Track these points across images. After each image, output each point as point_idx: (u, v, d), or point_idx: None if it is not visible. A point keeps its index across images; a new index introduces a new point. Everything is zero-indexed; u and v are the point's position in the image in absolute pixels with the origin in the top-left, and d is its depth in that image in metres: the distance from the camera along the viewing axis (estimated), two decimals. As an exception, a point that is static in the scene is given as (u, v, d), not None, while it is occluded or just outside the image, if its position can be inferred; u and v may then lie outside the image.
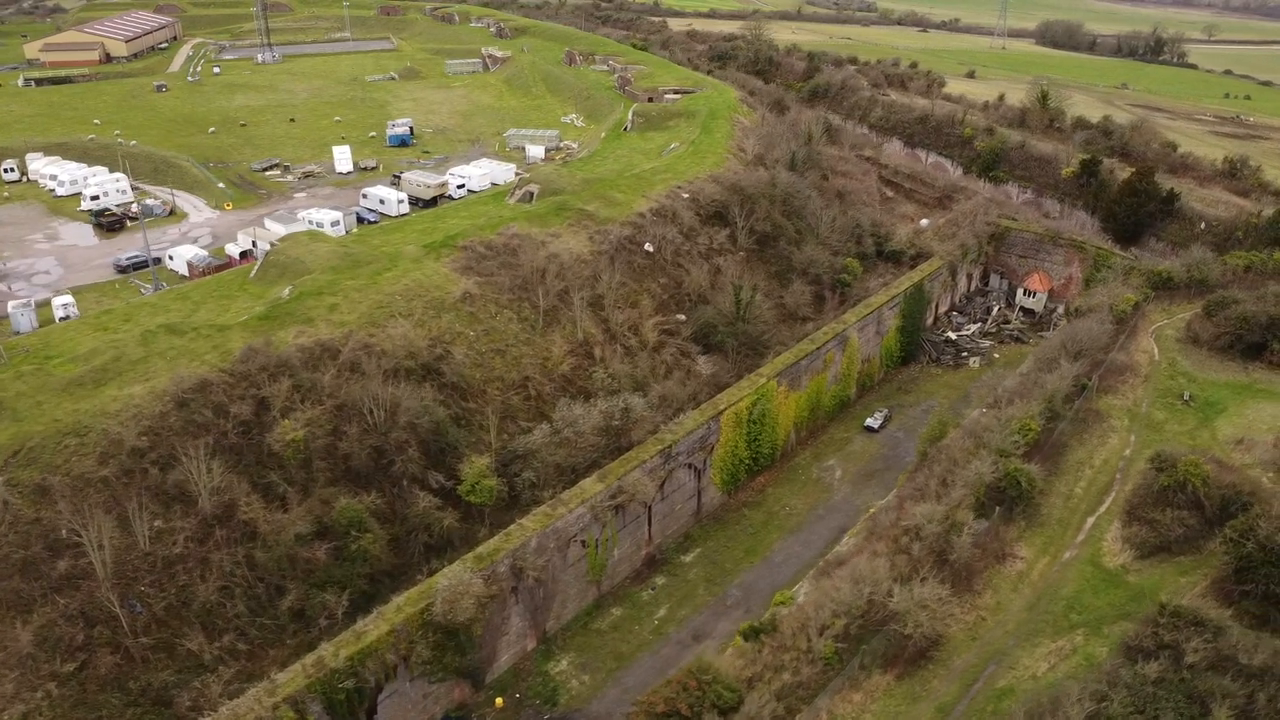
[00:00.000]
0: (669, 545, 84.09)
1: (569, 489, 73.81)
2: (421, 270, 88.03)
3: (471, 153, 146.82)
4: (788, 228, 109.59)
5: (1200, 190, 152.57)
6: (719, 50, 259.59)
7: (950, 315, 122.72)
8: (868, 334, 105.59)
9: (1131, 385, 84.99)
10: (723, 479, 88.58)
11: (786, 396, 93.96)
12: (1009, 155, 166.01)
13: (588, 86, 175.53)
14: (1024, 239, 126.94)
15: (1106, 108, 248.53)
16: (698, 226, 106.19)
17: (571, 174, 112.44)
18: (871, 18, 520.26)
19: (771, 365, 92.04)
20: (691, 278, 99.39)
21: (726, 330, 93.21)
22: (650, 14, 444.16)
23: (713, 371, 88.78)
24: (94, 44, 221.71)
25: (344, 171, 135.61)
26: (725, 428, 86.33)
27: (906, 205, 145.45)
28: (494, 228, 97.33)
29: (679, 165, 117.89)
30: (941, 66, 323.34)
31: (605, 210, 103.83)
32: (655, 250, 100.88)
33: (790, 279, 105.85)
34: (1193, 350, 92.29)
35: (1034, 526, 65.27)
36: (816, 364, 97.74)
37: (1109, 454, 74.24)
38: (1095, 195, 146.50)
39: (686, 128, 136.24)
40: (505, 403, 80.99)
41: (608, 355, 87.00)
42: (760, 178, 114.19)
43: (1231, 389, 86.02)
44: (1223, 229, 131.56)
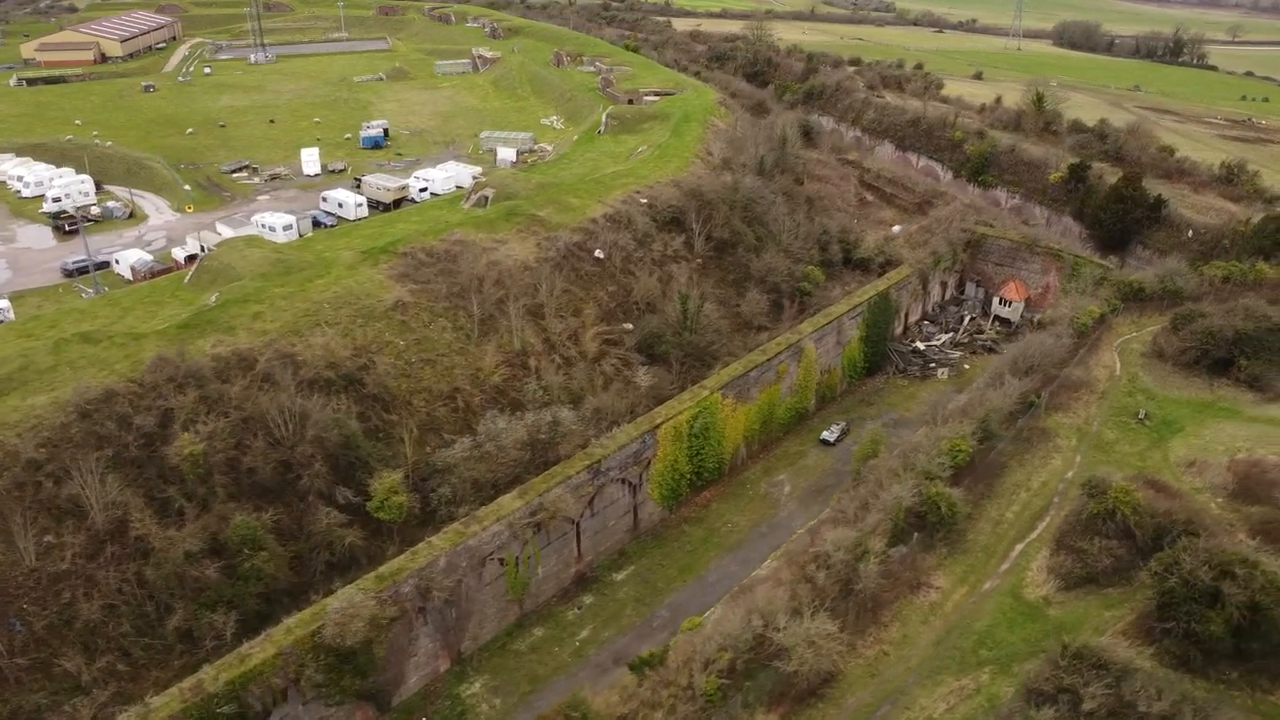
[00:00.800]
0: (601, 562, 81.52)
1: (486, 506, 71.46)
2: (355, 277, 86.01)
3: (444, 155, 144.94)
4: (747, 234, 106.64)
5: (1194, 196, 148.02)
6: (718, 51, 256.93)
7: (921, 324, 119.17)
8: (827, 344, 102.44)
9: (1085, 402, 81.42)
10: (662, 494, 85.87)
11: (734, 409, 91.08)
12: (998, 159, 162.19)
13: (571, 88, 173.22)
14: (1000, 246, 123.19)
15: (1112, 110, 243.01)
16: (653, 233, 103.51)
17: (527, 179, 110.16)
18: (887, 18, 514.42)
19: (717, 377, 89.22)
20: (642, 286, 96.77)
21: (672, 340, 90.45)
22: (660, 14, 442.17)
23: (652, 383, 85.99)
24: (89, 44, 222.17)
25: (311, 174, 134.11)
26: (663, 442, 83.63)
27: (885, 210, 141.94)
28: (439, 233, 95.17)
29: (642, 169, 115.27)
30: (950, 68, 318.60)
31: (558, 216, 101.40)
32: (606, 257, 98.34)
33: (747, 287, 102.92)
34: (1157, 365, 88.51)
35: (956, 554, 62.11)
36: (768, 376, 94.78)
37: (1049, 476, 70.85)
38: (1083, 201, 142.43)
39: (659, 131, 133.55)
40: (430, 415, 78.75)
41: (543, 366, 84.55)
42: (723, 183, 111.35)
43: (1192, 407, 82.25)
44: (1210, 237, 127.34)
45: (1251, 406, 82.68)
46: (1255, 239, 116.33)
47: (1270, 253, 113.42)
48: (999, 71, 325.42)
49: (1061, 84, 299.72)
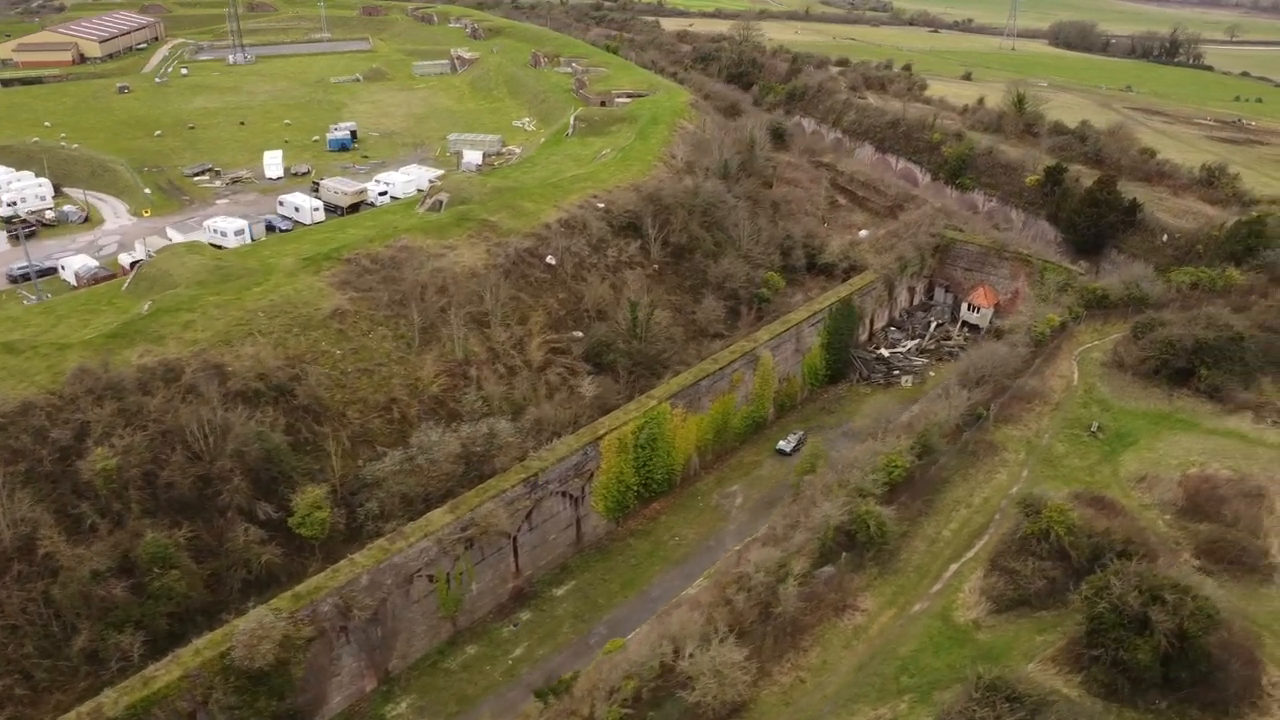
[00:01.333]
0: (542, 577, 79.64)
1: (414, 521, 69.59)
2: (293, 285, 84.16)
3: (411, 157, 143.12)
4: (705, 240, 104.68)
5: (1173, 199, 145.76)
6: (703, 51, 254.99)
7: (887, 331, 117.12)
8: (785, 352, 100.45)
9: (1038, 414, 79.35)
10: (607, 507, 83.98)
11: (684, 419, 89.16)
12: (975, 162, 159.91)
13: (546, 89, 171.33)
14: (969, 251, 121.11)
15: (1100, 111, 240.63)
16: (609, 238, 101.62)
17: (483, 183, 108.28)
18: (883, 18, 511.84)
19: (665, 387, 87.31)
20: (593, 292, 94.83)
21: (620, 349, 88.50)
22: (653, 14, 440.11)
23: (597, 393, 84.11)
24: (68, 44, 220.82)
25: (274, 177, 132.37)
26: (607, 453, 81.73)
27: (857, 214, 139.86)
28: (387, 239, 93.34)
29: (602, 173, 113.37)
30: (941, 68, 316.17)
31: (510, 221, 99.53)
32: (558, 263, 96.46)
33: (704, 294, 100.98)
34: (1116, 375, 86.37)
35: (887, 574, 60.11)
36: (721, 384, 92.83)
37: (993, 492, 68.83)
38: (1058, 205, 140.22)
39: (626, 133, 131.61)
40: (364, 426, 76.92)
41: (484, 376, 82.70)
42: (683, 187, 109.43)
43: (1148, 419, 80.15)
44: (1185, 241, 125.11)
45: (1210, 418, 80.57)
46: (1227, 244, 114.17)
47: (1242, 258, 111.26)
48: (990, 72, 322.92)
49: (1052, 84, 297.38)
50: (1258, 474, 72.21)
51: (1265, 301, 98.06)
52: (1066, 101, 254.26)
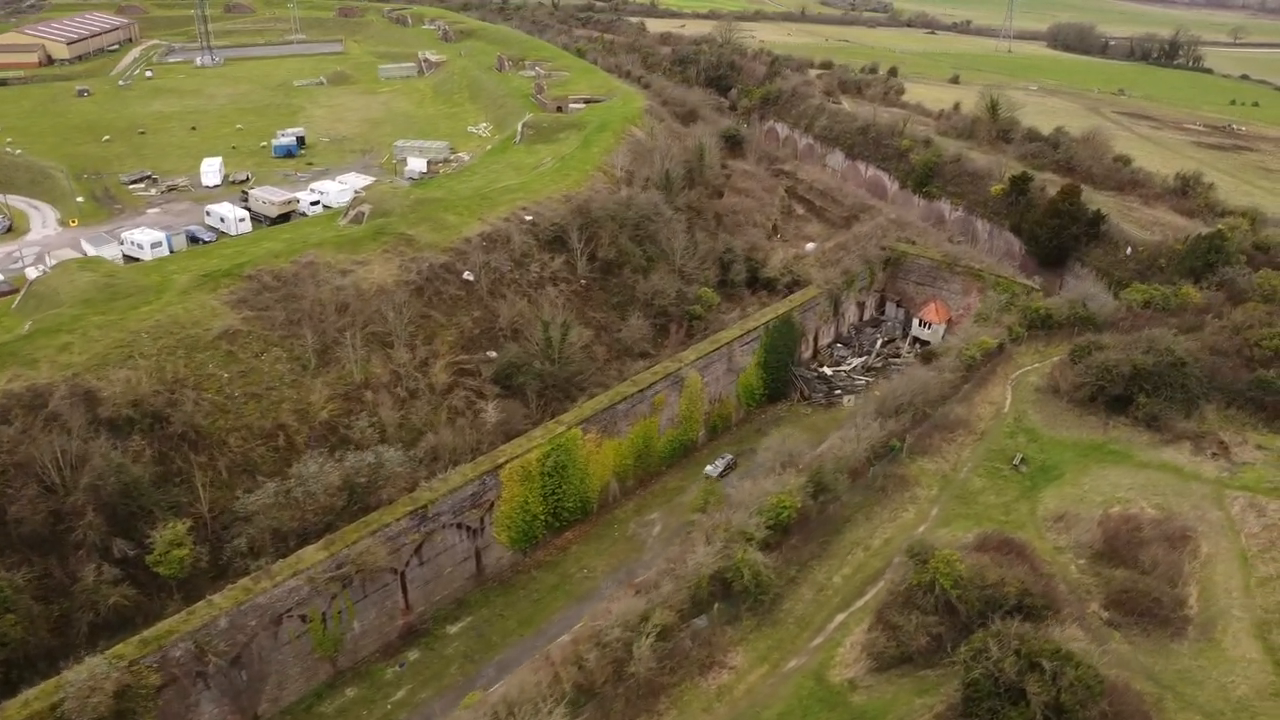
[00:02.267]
0: (437, 613, 75.74)
1: (285, 559, 65.74)
2: (185, 304, 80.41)
3: (356, 165, 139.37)
4: (635, 254, 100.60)
5: (1144, 210, 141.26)
6: (682, 54, 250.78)
7: (833, 348, 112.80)
8: (716, 372, 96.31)
9: (959, 445, 75.08)
10: (512, 537, 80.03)
11: (599, 444, 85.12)
12: (942, 169, 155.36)
13: (506, 94, 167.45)
14: (921, 265, 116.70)
15: (1087, 116, 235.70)
16: (533, 252, 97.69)
17: (406, 194, 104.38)
18: (880, 19, 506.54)
19: (577, 411, 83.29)
20: (511, 310, 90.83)
21: (531, 371, 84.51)
22: (646, 14, 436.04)
23: (501, 418, 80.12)
24: (34, 46, 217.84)
25: (211, 185, 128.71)
26: (508, 483, 77.76)
27: (813, 225, 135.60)
28: (296, 253, 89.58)
29: (536, 183, 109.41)
30: (930, 70, 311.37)
31: (430, 235, 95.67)
32: (475, 279, 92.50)
33: (631, 311, 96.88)
34: (1051, 402, 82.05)
35: (765, 627, 55.98)
36: (642, 408, 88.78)
37: (896, 532, 64.62)
38: (1021, 215, 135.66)
39: (572, 141, 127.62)
40: (245, 455, 73.09)
41: (380, 400, 78.74)
42: (616, 198, 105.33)
43: (1078, 450, 75.80)
44: (1148, 255, 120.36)
45: (1145, 449, 76.22)
46: (1187, 260, 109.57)
47: (1201, 274, 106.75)
48: (980, 75, 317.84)
49: (1042, 87, 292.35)
50: (1187, 513, 67.96)
51: (1219, 322, 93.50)
52: (1052, 106, 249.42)
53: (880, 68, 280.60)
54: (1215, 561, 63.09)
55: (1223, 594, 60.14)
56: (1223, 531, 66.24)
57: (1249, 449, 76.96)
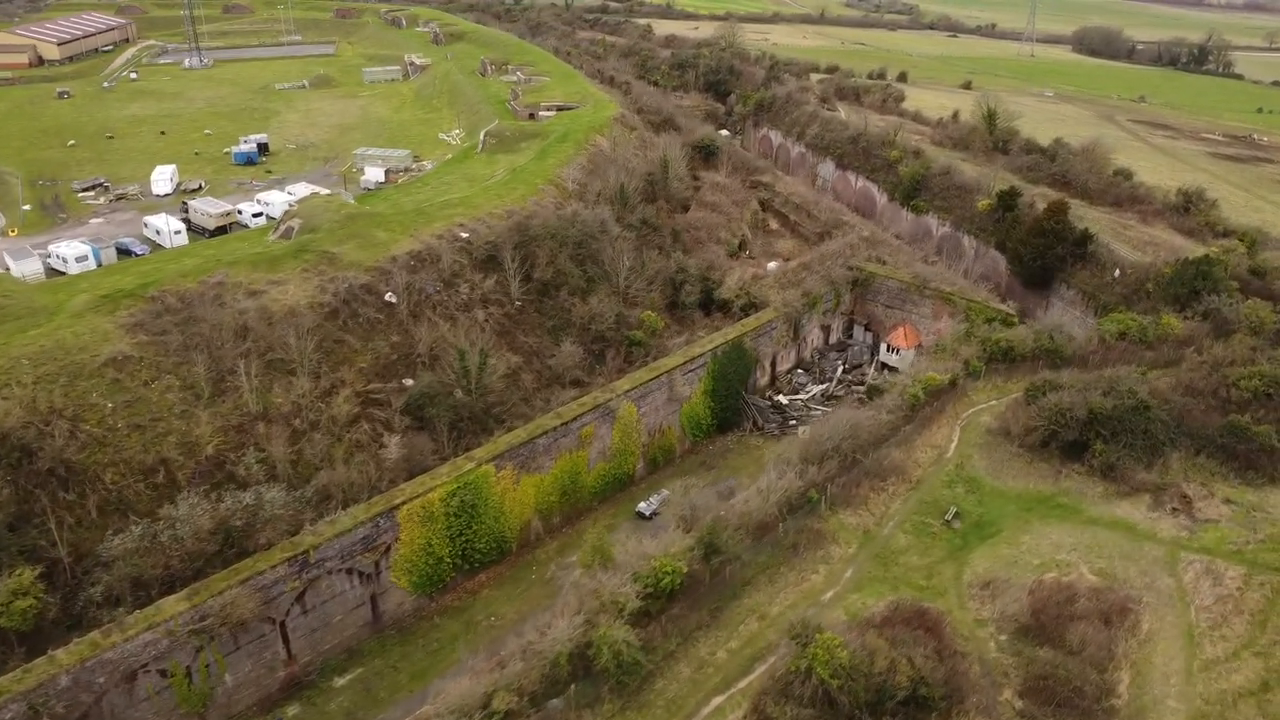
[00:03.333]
0: (325, 663, 70.63)
1: (142, 609, 60.97)
2: (76, 327, 76.04)
3: (315, 173, 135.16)
4: (574, 275, 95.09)
5: (1140, 228, 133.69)
6: (681, 58, 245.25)
7: (792, 374, 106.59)
8: (654, 402, 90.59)
9: (890, 495, 68.84)
10: (414, 582, 74.80)
11: (516, 481, 79.72)
12: (930, 182, 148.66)
13: (482, 100, 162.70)
14: (889, 287, 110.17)
15: (1098, 124, 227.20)
16: (464, 272, 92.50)
17: (338, 208, 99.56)
18: (901, 22, 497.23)
19: (490, 446, 77.94)
20: (434, 335, 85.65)
21: (443, 403, 79.28)
22: (662, 16, 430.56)
23: (403, 454, 74.94)
24: (24, 46, 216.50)
25: (162, 194, 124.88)
26: (408, 524, 72.54)
27: (786, 241, 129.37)
28: (207, 271, 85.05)
29: (480, 197, 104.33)
30: (944, 75, 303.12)
31: (355, 253, 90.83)
32: (398, 301, 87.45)
33: (565, 336, 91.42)
34: (1001, 446, 75.54)
35: (631, 710, 50.22)
36: (567, 441, 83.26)
37: (799, 599, 58.62)
38: (1007, 233, 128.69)
39: (533, 151, 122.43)
40: (121, 493, 68.44)
41: (273, 434, 73.78)
42: (560, 215, 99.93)
43: (1022, 503, 69.32)
44: (1136, 278, 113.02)
45: (1098, 502, 69.63)
46: (1172, 286, 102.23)
47: (1187, 303, 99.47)
48: (996, 80, 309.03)
49: (1058, 94, 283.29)
50: (1133, 579, 61.47)
51: (1199, 358, 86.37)
52: (1064, 113, 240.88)
53: (888, 72, 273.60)
54: (1156, 640, 56.54)
55: (1159, 680, 53.62)
56: (1171, 603, 59.65)
57: (1215, 503, 70.14)
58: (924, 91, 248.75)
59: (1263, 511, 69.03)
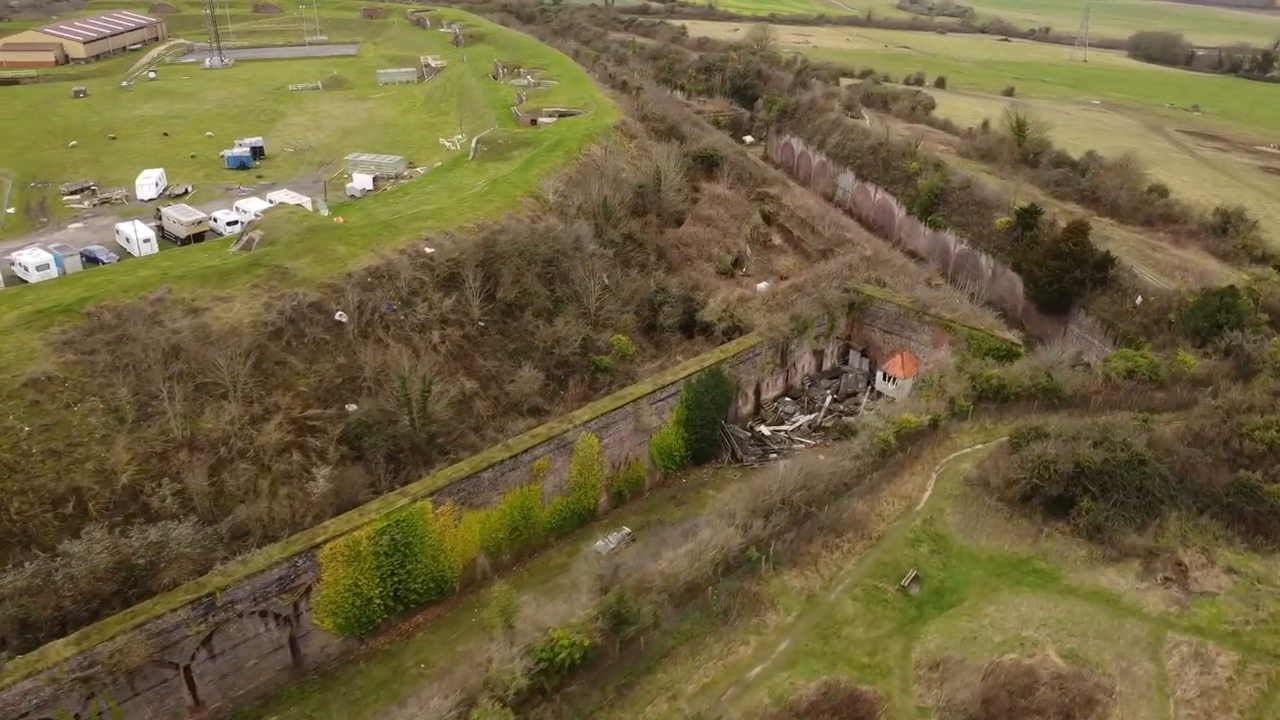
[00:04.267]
0: (238, 709, 66.34)
1: (25, 654, 57.16)
2: (1, 345, 72.71)
3: (307, 179, 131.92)
4: (540, 295, 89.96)
5: (1171, 250, 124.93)
6: (709, 61, 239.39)
7: (778, 403, 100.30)
8: (619, 432, 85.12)
9: (845, 554, 62.54)
10: (340, 624, 70.22)
11: (458, 517, 74.83)
12: (949, 196, 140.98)
13: (489, 104, 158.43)
14: (888, 311, 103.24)
15: (1144, 136, 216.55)
16: (424, 290, 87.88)
17: (301, 220, 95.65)
18: (952, 25, 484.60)
19: (426, 481, 73.12)
20: (384, 357, 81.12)
21: (381, 432, 74.66)
22: (704, 17, 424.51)
23: (332, 488, 70.43)
24: (51, 45, 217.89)
25: (147, 198, 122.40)
26: (331, 564, 67.96)
27: (787, 257, 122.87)
28: (151, 286, 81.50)
29: (453, 209, 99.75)
30: (986, 82, 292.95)
31: (311, 268, 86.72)
32: (348, 321, 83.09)
33: (529, 359, 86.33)
34: (979, 499, 68.71)
35: (506, 805, 44.86)
36: (518, 475, 78.17)
37: (720, 675, 52.69)
38: (1024, 254, 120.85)
39: (522, 160, 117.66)
40: (25, 524, 64.83)
41: (195, 462, 69.73)
42: (533, 230, 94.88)
43: (993, 567, 62.57)
44: (1159, 306, 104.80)
45: (1079, 568, 62.66)
46: (1192, 318, 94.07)
47: (1208, 338, 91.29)
48: (1044, 87, 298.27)
49: (1105, 102, 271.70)
50: (1107, 663, 54.57)
51: (1214, 403, 78.48)
52: (1109, 123, 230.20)
53: (926, 77, 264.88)
54: (1124, 740, 49.74)
55: (1121, 791, 46.91)
56: (1147, 694, 52.70)
57: (1215, 572, 62.79)
58: (961, 99, 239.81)
59: (1269, 584, 61.57)
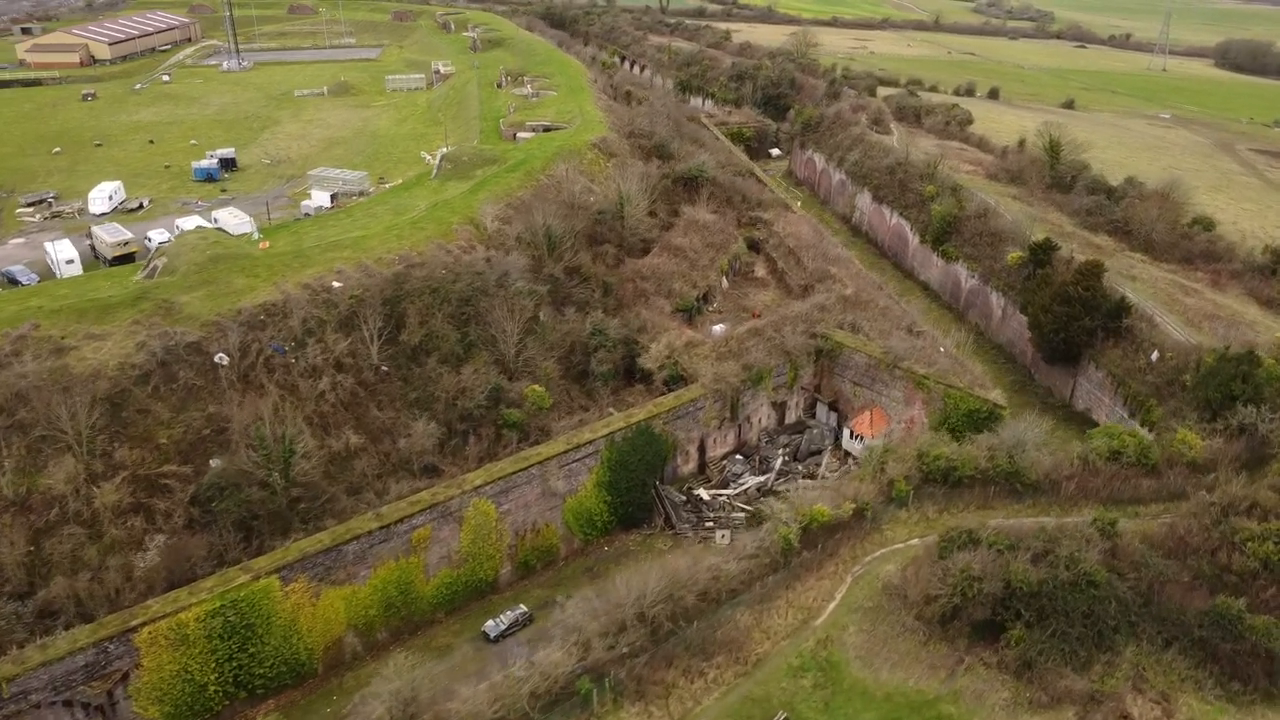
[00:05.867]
0: (40, 811, 59.19)
1: None
2: None
3: (272, 193, 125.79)
4: (449, 339, 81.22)
5: (1206, 294, 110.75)
6: (741, 69, 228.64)
7: (725, 462, 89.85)
8: (525, 496, 76.10)
9: (709, 683, 52.32)
10: (169, 713, 62.66)
11: (316, 595, 66.73)
12: (963, 225, 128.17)
13: (479, 116, 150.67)
14: (857, 362, 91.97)
15: (1212, 156, 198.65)
16: (321, 330, 79.94)
17: (206, 248, 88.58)
18: (1025, 30, 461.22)
19: (274, 555, 65.21)
20: (253, 408, 73.13)
21: (235, 496, 66.94)
22: (762, 20, 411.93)
23: (164, 560, 62.85)
24: (77, 46, 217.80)
25: (99, 212, 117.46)
26: (152, 648, 60.43)
27: (768, 293, 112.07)
28: (25, 319, 75.30)
29: (376, 239, 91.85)
30: (1051, 92, 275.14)
31: (201, 303, 79.64)
32: (229, 364, 75.62)
33: (430, 411, 77.76)
34: (894, 615, 57.91)
35: None
36: (391, 546, 69.77)
37: None
38: (1033, 294, 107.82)
39: (478, 181, 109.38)
40: None
41: (15, 526, 62.90)
42: (456, 263, 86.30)
43: (889, 710, 51.80)
44: (1177, 363, 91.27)
45: (997, 716, 51.27)
46: (1202, 388, 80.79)
47: (1219, 410, 77.99)
48: (1112, 99, 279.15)
49: (1176, 117, 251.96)
50: None
51: (1209, 498, 65.73)
52: (1171, 141, 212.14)
53: (978, 87, 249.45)
54: None
55: None
56: None
57: (1172, 729, 50.88)
58: (1009, 112, 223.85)
59: (1240, 751, 49.58)
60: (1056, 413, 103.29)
